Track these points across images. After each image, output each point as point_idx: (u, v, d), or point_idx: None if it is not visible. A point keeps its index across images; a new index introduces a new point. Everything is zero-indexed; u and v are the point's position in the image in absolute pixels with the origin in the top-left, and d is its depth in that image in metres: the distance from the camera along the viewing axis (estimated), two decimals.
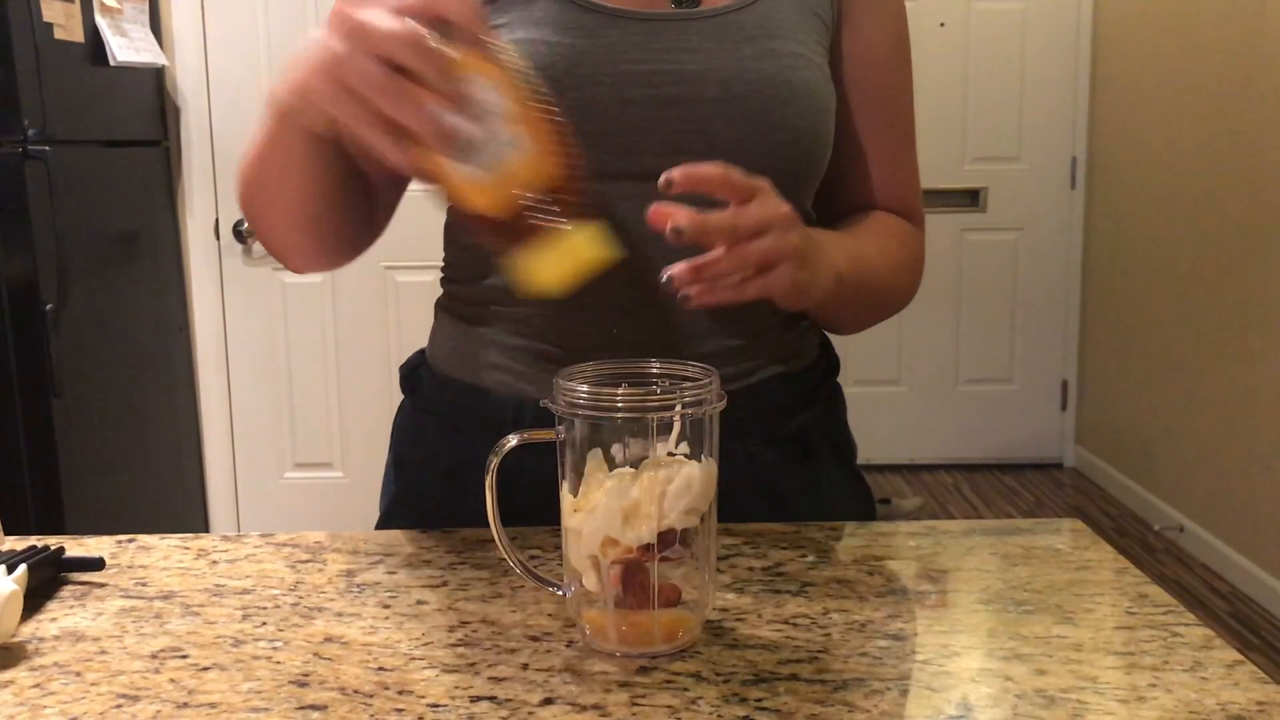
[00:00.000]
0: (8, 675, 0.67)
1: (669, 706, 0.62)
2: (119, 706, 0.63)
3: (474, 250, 0.94)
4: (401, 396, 1.05)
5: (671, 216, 0.74)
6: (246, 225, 3.26)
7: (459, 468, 0.94)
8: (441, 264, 1.01)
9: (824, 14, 0.95)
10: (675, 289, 0.77)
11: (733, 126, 0.88)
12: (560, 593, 0.71)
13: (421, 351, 1.05)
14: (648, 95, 0.86)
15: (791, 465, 0.97)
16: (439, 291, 1.03)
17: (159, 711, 0.62)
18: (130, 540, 0.89)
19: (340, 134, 0.70)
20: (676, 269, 0.76)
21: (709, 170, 0.75)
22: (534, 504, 0.81)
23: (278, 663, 0.68)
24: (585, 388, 0.67)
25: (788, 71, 0.90)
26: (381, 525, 1.01)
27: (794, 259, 0.78)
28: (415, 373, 1.03)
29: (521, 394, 0.92)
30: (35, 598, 0.77)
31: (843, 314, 0.98)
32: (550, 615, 0.74)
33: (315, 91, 0.67)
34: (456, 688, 0.64)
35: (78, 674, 0.67)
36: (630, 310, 0.89)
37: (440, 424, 0.98)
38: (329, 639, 0.71)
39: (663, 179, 0.74)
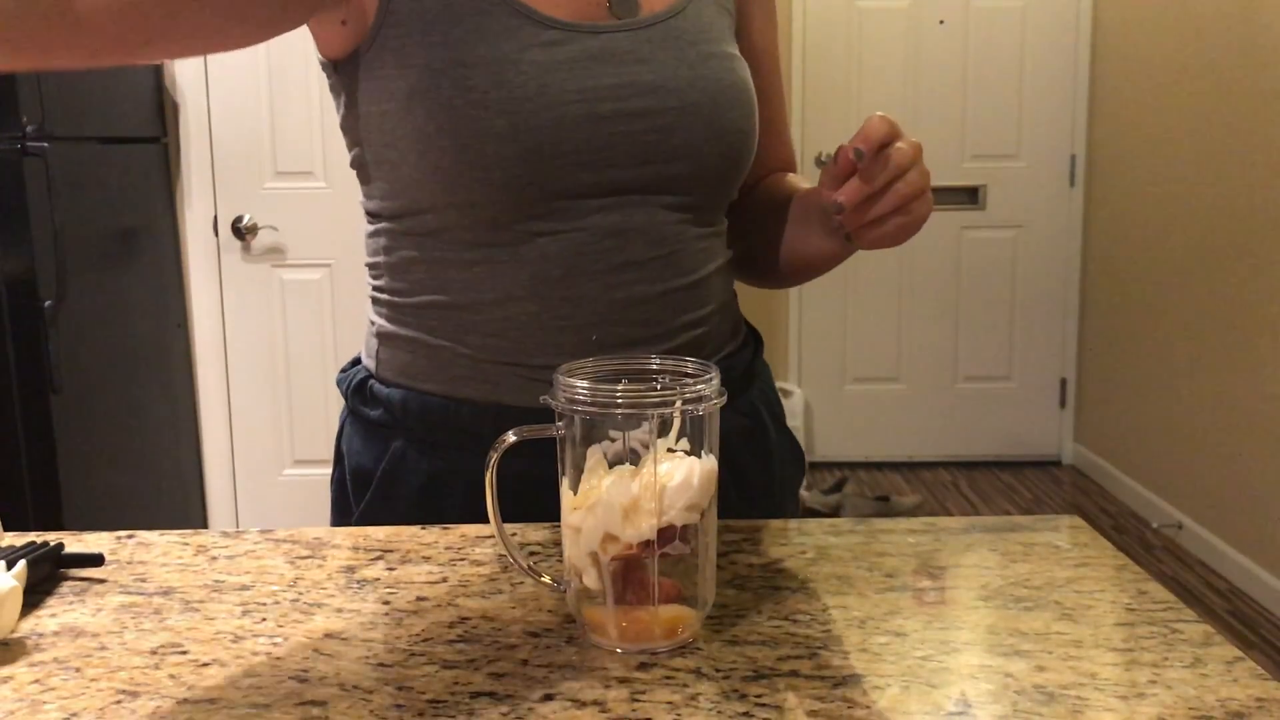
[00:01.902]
0: (7, 671, 0.66)
1: (669, 702, 0.62)
2: (119, 702, 0.63)
3: (431, 264, 0.92)
4: None
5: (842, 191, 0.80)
6: (246, 221, 3.26)
7: (435, 481, 0.93)
8: (377, 282, 0.98)
9: (729, 8, 0.98)
10: (841, 214, 0.80)
11: (691, 132, 0.90)
12: (560, 589, 0.71)
13: (356, 363, 1.02)
14: (616, 109, 0.87)
15: (745, 437, 1.00)
16: None
17: (159, 707, 0.62)
18: (129, 536, 0.89)
19: None
20: (845, 192, 0.79)
21: (876, 130, 0.78)
22: (520, 507, 0.82)
23: (277, 658, 0.68)
24: (585, 384, 0.67)
25: (728, 74, 0.93)
26: None
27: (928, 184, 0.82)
28: (364, 386, 0.99)
29: (500, 402, 0.91)
30: (34, 593, 0.77)
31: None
32: (550, 611, 0.74)
33: None
34: (456, 683, 0.64)
35: (77, 670, 0.67)
36: (607, 317, 0.90)
37: (408, 438, 0.95)
38: (329, 635, 0.71)
39: (852, 153, 0.78)
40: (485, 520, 0.71)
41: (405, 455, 0.94)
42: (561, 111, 0.84)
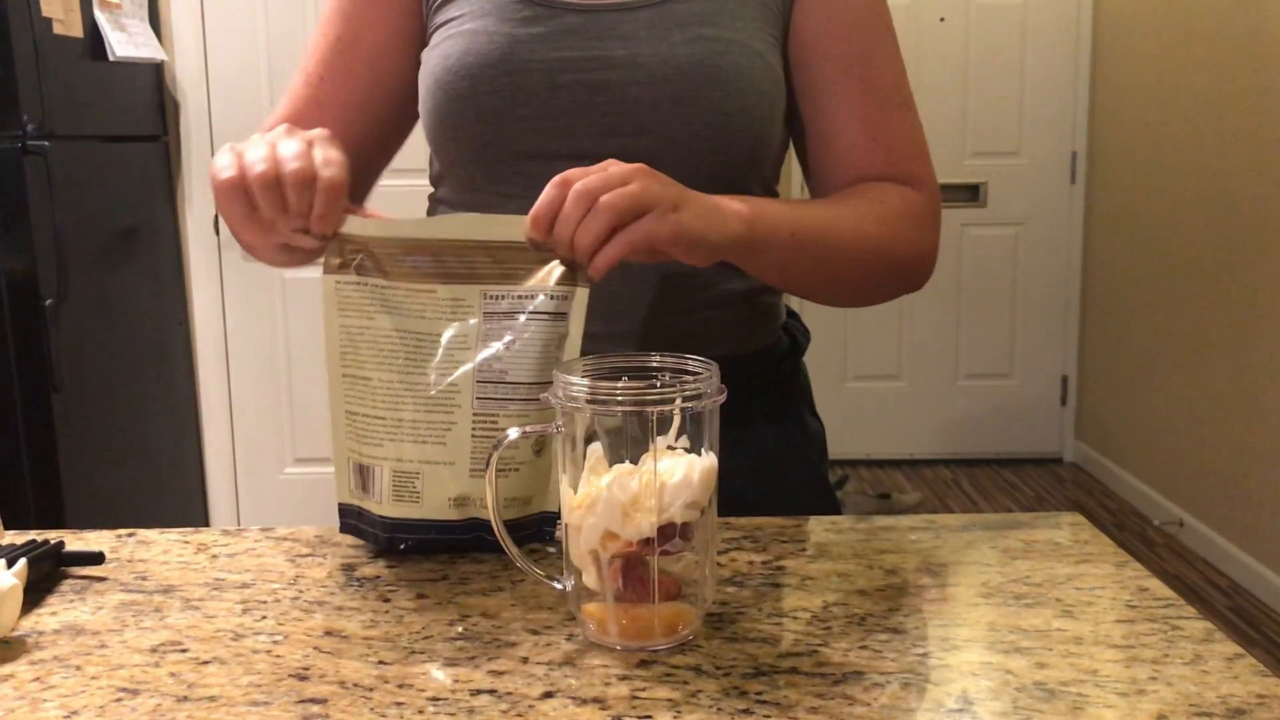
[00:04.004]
0: (8, 669, 0.67)
1: (669, 700, 0.62)
2: (119, 700, 0.63)
3: None
4: None
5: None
6: None
7: None
8: None
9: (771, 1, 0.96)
10: (537, 246, 0.78)
11: (658, 110, 0.90)
12: (560, 586, 0.71)
13: None
14: (577, 80, 0.91)
15: (727, 445, 0.95)
16: None
17: (159, 705, 0.62)
18: (130, 534, 0.89)
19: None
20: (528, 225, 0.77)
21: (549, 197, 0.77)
22: None
23: (278, 656, 0.68)
24: (585, 381, 0.67)
25: (715, 56, 0.91)
26: None
27: (658, 201, 0.76)
28: None
29: None
30: (35, 592, 0.77)
31: (793, 270, 0.91)
32: (550, 609, 0.74)
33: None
34: (457, 681, 0.64)
35: (78, 668, 0.67)
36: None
37: None
38: (329, 633, 0.71)
39: (528, 239, 0.78)
40: None
41: None
42: (521, 79, 0.91)
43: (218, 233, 3.30)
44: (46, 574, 0.79)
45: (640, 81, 0.90)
